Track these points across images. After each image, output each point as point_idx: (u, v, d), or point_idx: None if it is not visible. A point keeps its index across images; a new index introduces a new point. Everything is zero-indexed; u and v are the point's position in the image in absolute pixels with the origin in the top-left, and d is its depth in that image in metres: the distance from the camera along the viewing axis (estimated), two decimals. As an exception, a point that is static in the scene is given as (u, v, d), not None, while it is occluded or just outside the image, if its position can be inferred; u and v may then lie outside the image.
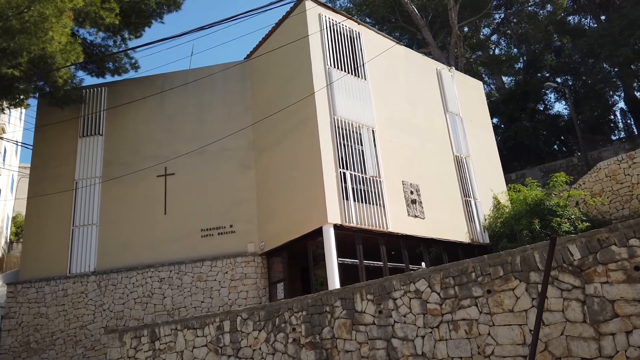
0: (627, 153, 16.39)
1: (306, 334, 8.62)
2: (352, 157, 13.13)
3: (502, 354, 6.46)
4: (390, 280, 7.83)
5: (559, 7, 26.13)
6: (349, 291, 8.31)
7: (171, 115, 16.08)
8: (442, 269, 7.33)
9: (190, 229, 14.63)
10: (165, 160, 15.42)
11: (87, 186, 15.56)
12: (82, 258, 14.76)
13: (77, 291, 14.38)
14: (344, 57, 14.37)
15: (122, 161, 15.74)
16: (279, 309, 9.15)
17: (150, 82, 16.49)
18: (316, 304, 8.67)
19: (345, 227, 12.22)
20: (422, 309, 7.37)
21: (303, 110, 13.28)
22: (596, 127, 29.01)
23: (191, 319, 10.00)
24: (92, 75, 15.75)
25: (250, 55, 16.29)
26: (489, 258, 6.85)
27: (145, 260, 14.48)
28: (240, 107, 15.83)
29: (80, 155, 15.97)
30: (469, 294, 6.94)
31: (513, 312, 6.48)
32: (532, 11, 30.01)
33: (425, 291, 7.40)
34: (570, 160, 26.52)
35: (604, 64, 28.19)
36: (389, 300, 7.77)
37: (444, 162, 15.87)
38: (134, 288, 14.20)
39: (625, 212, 15.81)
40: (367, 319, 7.96)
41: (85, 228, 15.11)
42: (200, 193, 15.00)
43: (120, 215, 15.12)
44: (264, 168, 14.72)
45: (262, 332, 9.18)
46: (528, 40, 33.74)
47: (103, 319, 13.99)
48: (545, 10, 32.37)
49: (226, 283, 13.91)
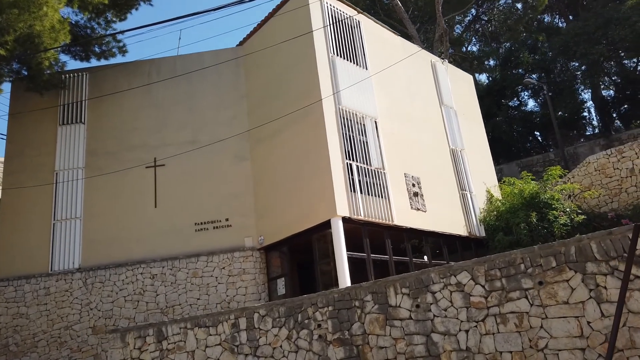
0: (616, 147, 16.71)
1: (333, 330, 8.21)
2: (357, 149, 12.77)
3: (557, 347, 6.26)
4: (428, 273, 7.53)
5: (541, 3, 26.53)
6: (381, 285, 7.95)
7: (159, 103, 15.26)
8: (486, 260, 7.07)
9: (183, 223, 13.91)
10: (155, 150, 14.65)
11: (69, 178, 14.56)
12: (66, 254, 13.79)
13: (60, 289, 13.43)
14: (346, 45, 13.97)
15: (107, 151, 14.82)
16: (301, 304, 8.70)
17: (137, 68, 15.60)
18: (344, 299, 8.28)
19: (353, 220, 11.86)
20: (465, 302, 7.10)
21: (306, 100, 12.80)
22: (569, 123, 29.75)
23: (203, 316, 9.41)
24: (76, 58, 14.75)
25: (244, 41, 15.65)
26: (540, 249, 6.64)
27: (135, 256, 13.67)
28: (233, 95, 15.19)
29: (61, 145, 14.93)
30: (517, 286, 6.70)
31: (568, 304, 6.29)
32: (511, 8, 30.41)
33: (468, 284, 7.13)
34: (546, 155, 27.07)
35: (576, 63, 28.90)
36: (427, 294, 7.46)
37: (441, 155, 15.74)
38: (124, 285, 13.38)
39: (614, 205, 16.10)
40: (403, 314, 7.63)
41: (68, 222, 14.14)
42: (192, 185, 14.30)
43: (106, 208, 14.23)
44: (261, 159, 14.16)
45: (283, 329, 8.71)
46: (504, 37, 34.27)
47: (90, 319, 13.12)
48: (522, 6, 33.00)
49: (223, 279, 13.30)
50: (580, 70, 29.57)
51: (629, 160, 16.03)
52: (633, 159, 15.96)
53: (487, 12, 35.05)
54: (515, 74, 29.98)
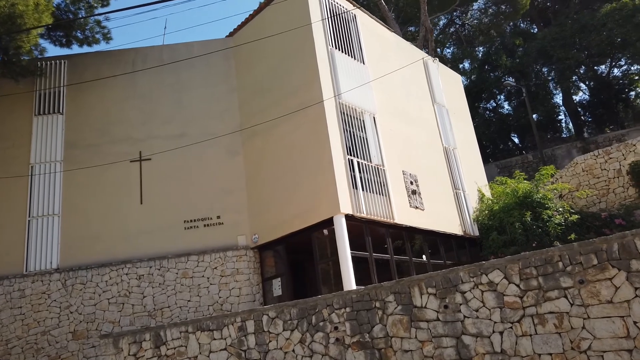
0: (603, 148, 16.91)
1: (352, 333, 7.76)
2: (357, 144, 12.36)
3: (602, 348, 6.00)
4: (457, 272, 7.17)
5: (523, 7, 26.86)
6: (405, 284, 7.55)
7: (145, 94, 14.46)
8: (520, 258, 6.77)
9: (171, 220, 13.18)
10: (140, 143, 13.86)
11: (46, 171, 13.59)
12: (42, 253, 12.84)
13: (37, 291, 12.47)
14: (344, 39, 13.56)
15: (88, 143, 13.93)
16: (315, 305, 8.22)
17: (121, 56, 14.74)
18: (363, 300, 7.84)
19: (356, 218, 11.43)
20: (498, 303, 6.78)
21: (305, 93, 12.31)
22: (545, 126, 30.29)
23: (206, 319, 8.79)
24: (56, 44, 13.76)
25: (234, 33, 15.02)
26: (580, 246, 6.37)
27: (119, 255, 12.84)
28: (224, 87, 14.53)
29: (37, 136, 13.94)
30: (556, 285, 6.42)
31: (612, 303, 6.03)
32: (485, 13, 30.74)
33: (501, 283, 6.81)
34: (525, 157, 27.43)
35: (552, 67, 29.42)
36: (456, 294, 7.11)
37: (435, 153, 15.52)
38: (107, 287, 12.54)
39: (602, 205, 16.28)
40: (430, 315, 7.25)
41: (45, 219, 13.18)
42: (181, 181, 13.57)
43: (87, 205, 13.33)
44: (255, 154, 13.56)
45: (296, 332, 8.20)
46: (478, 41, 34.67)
47: (70, 323, 12.22)
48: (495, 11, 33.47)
49: (216, 279, 12.64)
50: (555, 75, 30.16)
51: (616, 162, 16.25)
52: (620, 160, 16.18)
53: (461, 16, 35.42)
54: (493, 76, 30.28)
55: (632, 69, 28.08)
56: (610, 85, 28.27)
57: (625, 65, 28.32)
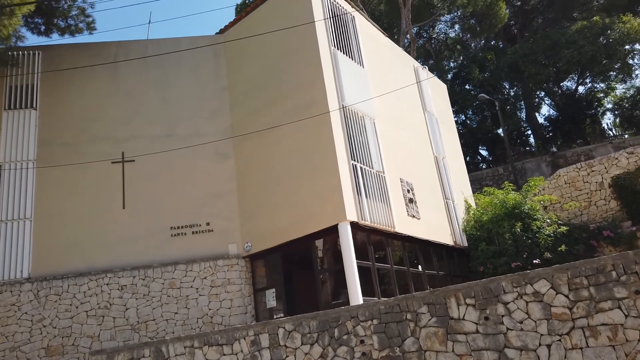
0: (586, 161, 17.22)
1: (380, 347, 7.24)
2: (359, 150, 11.92)
3: (661, 361, 5.76)
4: (498, 282, 6.80)
5: (501, 20, 27.42)
6: (440, 295, 7.12)
7: (128, 90, 13.52)
8: (568, 267, 6.48)
9: (156, 227, 12.26)
10: (123, 143, 12.91)
11: (17, 170, 12.39)
12: (12, 261, 11.62)
13: (5, 303, 11.23)
14: (344, 40, 13.16)
15: (64, 142, 12.84)
16: (337, 317, 7.64)
17: (101, 49, 13.74)
18: (392, 311, 7.34)
19: (360, 226, 10.95)
20: (545, 314, 6.45)
21: (306, 94, 11.78)
22: (514, 139, 30.97)
23: (214, 333, 8.03)
24: (34, 32, 12.60)
25: (225, 30, 14.33)
26: (635, 254, 6.14)
27: (99, 264, 11.80)
28: (214, 86, 13.79)
29: (6, 133, 12.72)
30: (609, 295, 6.15)
31: (670, 314, 5.82)
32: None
33: (548, 293, 6.49)
34: (495, 170, 27.82)
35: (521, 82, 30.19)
36: (497, 305, 6.73)
37: (427, 162, 15.31)
38: (86, 298, 11.46)
39: (584, 217, 16.52)
40: (468, 327, 6.83)
41: (15, 223, 11.96)
42: (167, 184, 12.69)
43: (63, 208, 12.22)
44: (248, 157, 12.87)
45: (316, 346, 7.60)
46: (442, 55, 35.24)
47: (43, 338, 11.05)
48: (460, 28, 34.22)
49: (205, 290, 11.81)
50: (522, 90, 30.96)
51: (599, 175, 16.54)
52: (602, 173, 16.49)
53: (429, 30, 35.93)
54: (464, 90, 30.72)
55: (596, 87, 29.15)
56: (579, 101, 29.22)
57: (589, 83, 29.37)
